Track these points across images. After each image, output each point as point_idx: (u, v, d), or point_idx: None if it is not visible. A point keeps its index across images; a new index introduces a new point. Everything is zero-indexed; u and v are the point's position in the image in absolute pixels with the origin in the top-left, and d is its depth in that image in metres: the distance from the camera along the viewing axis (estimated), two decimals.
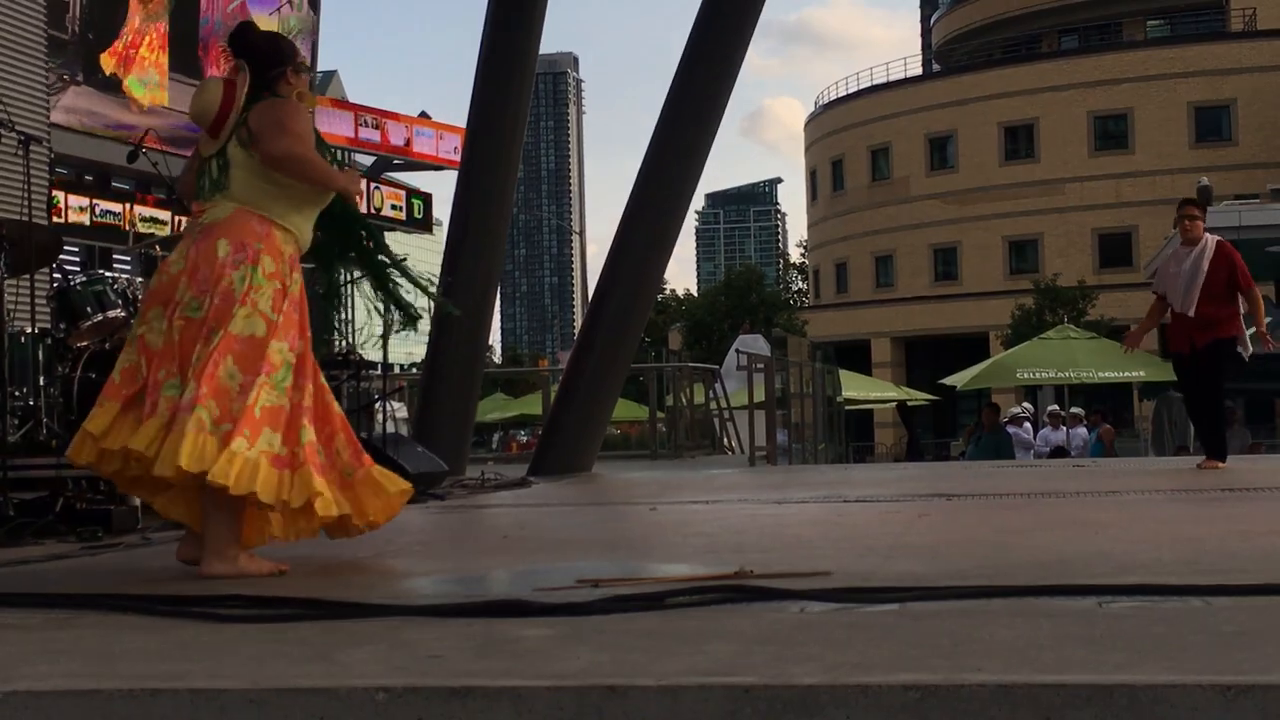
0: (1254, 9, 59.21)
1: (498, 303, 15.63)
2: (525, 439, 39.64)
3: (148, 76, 9.36)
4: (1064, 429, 21.85)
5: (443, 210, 22.61)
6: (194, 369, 4.78)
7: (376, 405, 11.24)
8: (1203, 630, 3.06)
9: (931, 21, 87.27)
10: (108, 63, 9.27)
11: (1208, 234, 10.75)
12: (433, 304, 9.92)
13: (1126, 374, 23.88)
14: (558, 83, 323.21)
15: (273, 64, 5.17)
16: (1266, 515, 6.67)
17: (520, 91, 13.08)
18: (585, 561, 5.15)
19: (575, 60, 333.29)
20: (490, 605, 3.66)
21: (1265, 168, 50.58)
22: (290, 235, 5.10)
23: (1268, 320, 11.62)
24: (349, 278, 7.90)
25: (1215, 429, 10.94)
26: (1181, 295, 10.64)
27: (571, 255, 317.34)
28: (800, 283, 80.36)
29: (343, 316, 9.01)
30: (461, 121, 13.37)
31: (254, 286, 4.92)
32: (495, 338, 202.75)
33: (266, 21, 11.25)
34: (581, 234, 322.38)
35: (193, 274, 4.92)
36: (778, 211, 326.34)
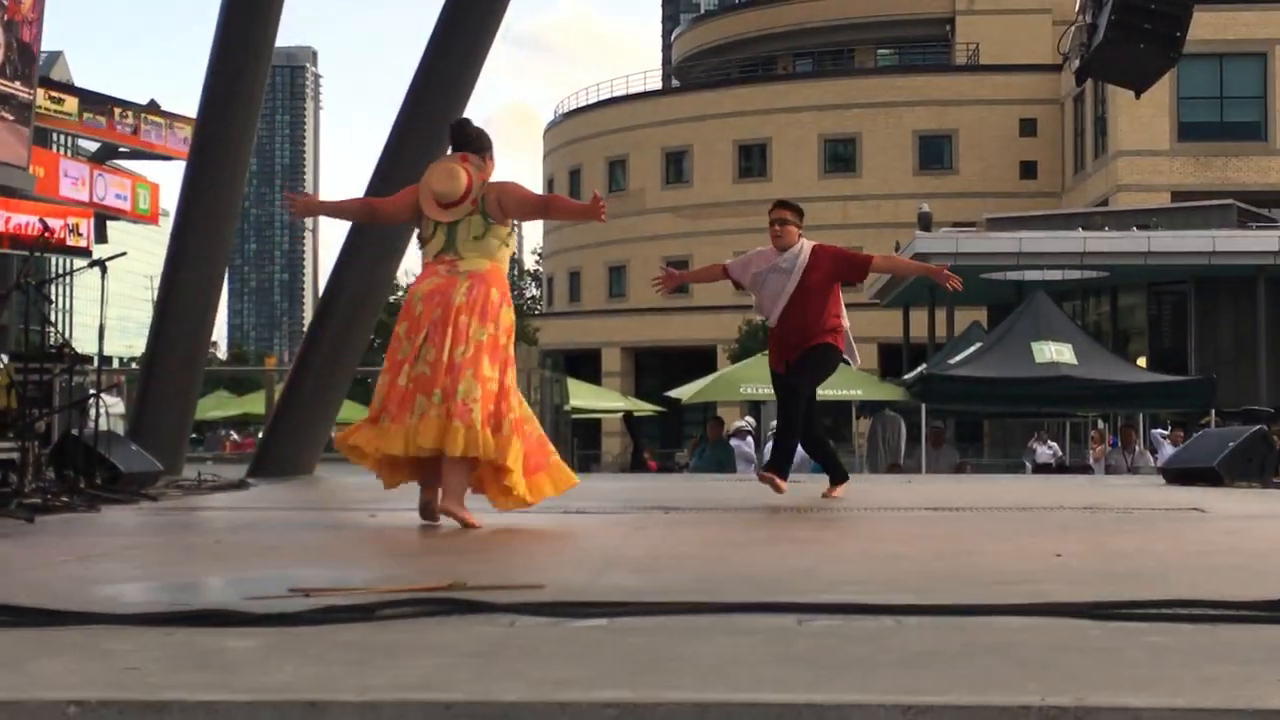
0: (977, 44, 61.59)
1: (224, 298, 15.31)
2: (238, 439, 38.78)
3: None
4: None
5: (170, 201, 22.06)
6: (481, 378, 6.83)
7: (90, 401, 10.88)
8: (893, 649, 3.19)
9: (672, 38, 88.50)
10: None
11: (803, 239, 9.35)
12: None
13: (845, 392, 24.55)
14: (295, 77, 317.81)
15: (482, 149, 7.28)
16: (967, 535, 6.95)
17: (254, 83, 12.83)
18: (299, 569, 5.09)
19: (314, 55, 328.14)
20: (194, 614, 3.60)
21: (983, 197, 52.61)
22: None
23: (972, 349, 11.64)
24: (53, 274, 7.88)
25: (823, 449, 9.69)
26: (768, 303, 9.36)
27: (304, 252, 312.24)
28: (534, 290, 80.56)
29: (57, 307, 8.75)
30: (192, 112, 13.07)
31: (511, 323, 7.07)
32: (221, 334, 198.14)
33: None
34: (314, 231, 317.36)
35: (476, 310, 6.89)
36: None
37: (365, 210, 8.18)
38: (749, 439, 22.30)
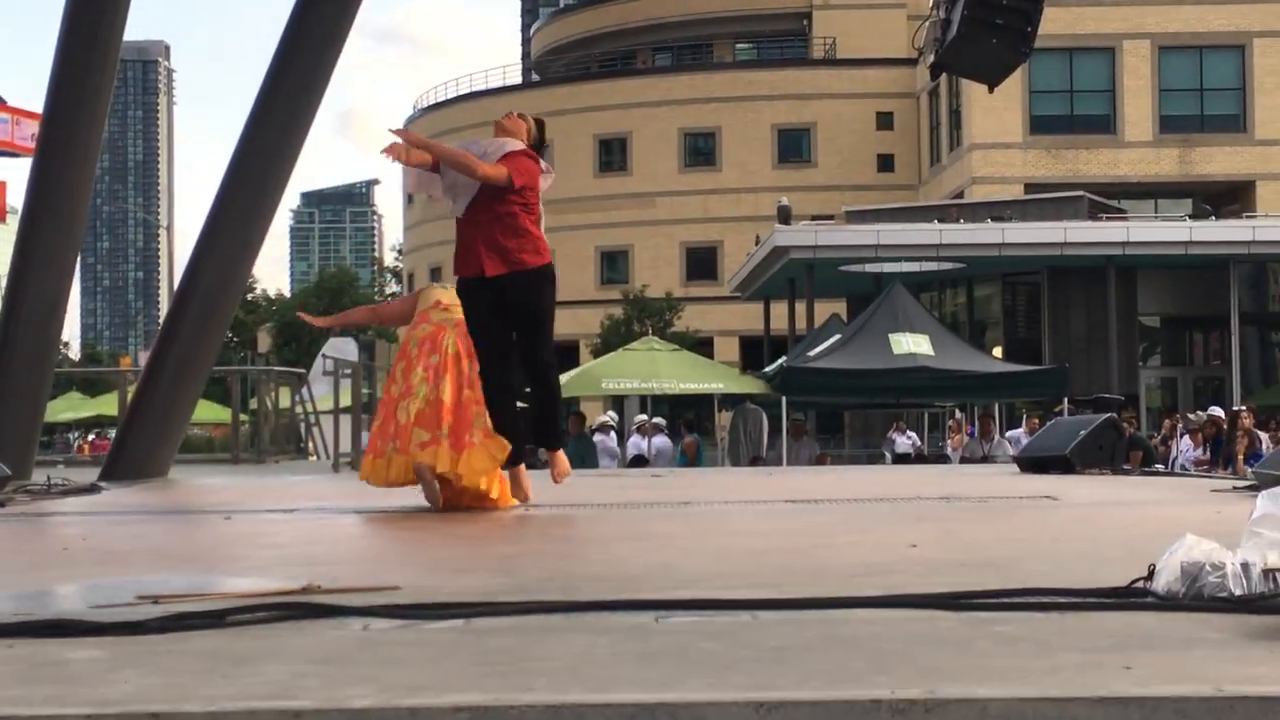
0: (834, 39, 62.26)
1: (76, 297, 14.97)
2: (92, 440, 38.01)
3: None
4: (647, 438, 22.44)
5: (18, 198, 21.55)
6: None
7: None
8: (749, 645, 3.19)
9: (531, 31, 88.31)
10: None
11: (512, 142, 7.97)
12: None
13: (707, 386, 24.69)
14: (148, 71, 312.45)
15: None
16: (825, 527, 7.01)
17: (102, 76, 12.57)
18: (149, 575, 4.98)
19: (167, 49, 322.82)
20: (36, 625, 3.49)
21: (841, 190, 53.20)
22: None
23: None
24: None
25: (548, 406, 8.19)
26: (456, 192, 7.89)
27: (158, 250, 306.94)
28: (395, 286, 80.00)
29: None
30: (39, 107, 12.77)
31: None
32: (74, 333, 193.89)
33: None
34: (169, 228, 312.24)
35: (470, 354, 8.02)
36: (374, 213, 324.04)
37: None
38: (612, 433, 22.33)
